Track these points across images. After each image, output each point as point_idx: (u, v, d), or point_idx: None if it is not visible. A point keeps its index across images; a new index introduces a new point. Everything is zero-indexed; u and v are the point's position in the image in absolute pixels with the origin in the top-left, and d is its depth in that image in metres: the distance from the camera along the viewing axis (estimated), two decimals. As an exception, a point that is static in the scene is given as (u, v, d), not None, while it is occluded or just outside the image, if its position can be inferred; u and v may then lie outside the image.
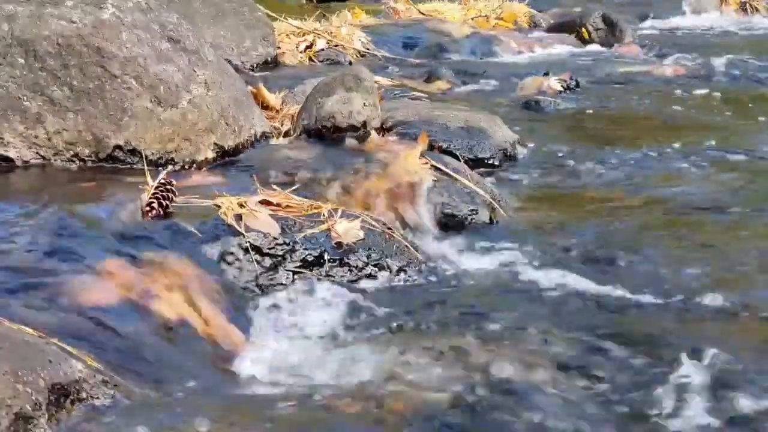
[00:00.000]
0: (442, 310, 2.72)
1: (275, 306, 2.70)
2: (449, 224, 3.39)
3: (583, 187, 3.94)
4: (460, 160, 3.76)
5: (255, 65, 5.57)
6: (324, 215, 2.97)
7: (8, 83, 3.29)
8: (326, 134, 3.73)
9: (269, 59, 5.71)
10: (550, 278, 2.93)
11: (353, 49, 6.32)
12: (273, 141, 3.75)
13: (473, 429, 2.08)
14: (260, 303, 2.70)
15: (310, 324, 2.61)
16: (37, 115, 3.28)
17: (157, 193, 2.84)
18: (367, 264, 2.90)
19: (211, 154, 3.46)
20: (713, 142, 4.46)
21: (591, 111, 5.15)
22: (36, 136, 3.29)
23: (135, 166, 3.28)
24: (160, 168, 3.19)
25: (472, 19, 7.86)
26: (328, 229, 2.91)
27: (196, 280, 2.63)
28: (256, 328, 2.60)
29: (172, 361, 2.34)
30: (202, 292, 2.60)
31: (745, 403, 2.16)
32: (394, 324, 2.61)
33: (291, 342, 2.51)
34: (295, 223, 2.91)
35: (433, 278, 2.96)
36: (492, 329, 2.56)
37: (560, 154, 4.30)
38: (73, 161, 3.31)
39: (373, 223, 3.03)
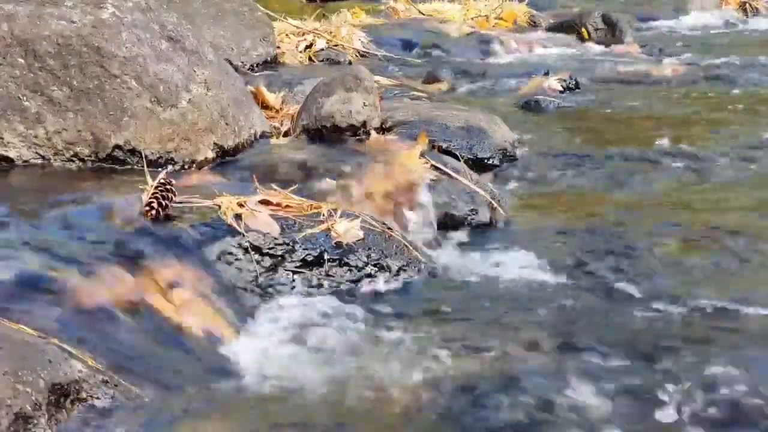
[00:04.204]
0: (442, 310, 2.72)
1: (275, 306, 2.70)
2: (449, 224, 3.40)
3: (582, 186, 3.94)
4: (460, 160, 3.76)
5: (255, 65, 5.57)
6: (324, 215, 2.96)
7: (8, 83, 3.29)
8: (326, 134, 3.73)
9: (269, 59, 5.71)
10: (550, 278, 2.93)
11: (353, 49, 6.32)
12: (273, 141, 3.75)
13: (472, 429, 2.08)
14: (260, 303, 2.71)
15: (310, 324, 2.60)
16: (36, 114, 3.28)
17: (157, 193, 2.84)
18: (366, 264, 2.89)
19: (210, 154, 3.46)
20: (714, 142, 4.46)
21: (591, 111, 5.16)
22: (36, 136, 3.29)
23: (135, 166, 3.28)
24: (160, 168, 3.20)
25: (472, 19, 7.87)
26: (328, 229, 2.91)
27: (196, 280, 2.63)
28: (255, 327, 2.60)
29: (171, 361, 2.34)
30: (202, 292, 2.61)
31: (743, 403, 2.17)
32: (394, 324, 2.61)
33: (290, 342, 2.51)
34: (294, 223, 2.91)
35: (432, 278, 2.96)
36: (492, 329, 2.56)
37: (560, 154, 4.30)
38: (73, 161, 3.31)
39: (373, 223, 3.03)
